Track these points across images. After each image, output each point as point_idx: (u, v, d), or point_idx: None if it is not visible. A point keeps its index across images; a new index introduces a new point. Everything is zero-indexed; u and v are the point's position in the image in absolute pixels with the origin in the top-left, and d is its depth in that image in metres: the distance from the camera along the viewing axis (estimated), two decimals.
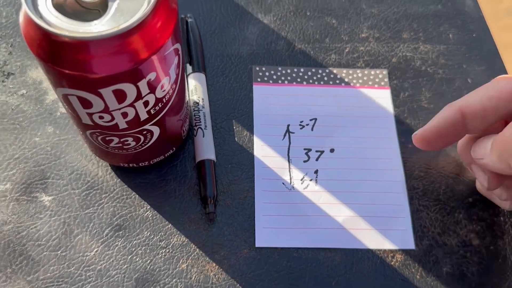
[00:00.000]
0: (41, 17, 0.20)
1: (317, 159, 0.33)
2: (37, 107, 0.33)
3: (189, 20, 0.36)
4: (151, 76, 0.22)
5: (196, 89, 0.33)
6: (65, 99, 0.23)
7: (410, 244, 0.30)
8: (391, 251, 0.30)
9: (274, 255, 0.29)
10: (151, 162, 0.30)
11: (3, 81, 0.34)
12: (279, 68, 0.36)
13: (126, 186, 0.31)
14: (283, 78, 0.35)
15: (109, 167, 0.31)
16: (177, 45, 0.23)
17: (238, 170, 0.32)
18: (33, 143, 0.32)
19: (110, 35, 0.19)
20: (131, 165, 0.30)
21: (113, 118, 0.24)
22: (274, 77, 0.35)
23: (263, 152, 0.33)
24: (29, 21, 0.20)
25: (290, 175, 0.32)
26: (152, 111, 0.25)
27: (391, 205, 0.31)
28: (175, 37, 0.23)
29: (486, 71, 0.37)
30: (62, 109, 0.33)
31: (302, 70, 0.36)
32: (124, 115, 0.24)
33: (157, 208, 0.30)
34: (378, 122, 0.34)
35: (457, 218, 0.32)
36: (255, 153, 0.33)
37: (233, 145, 0.33)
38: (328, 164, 0.33)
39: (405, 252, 0.30)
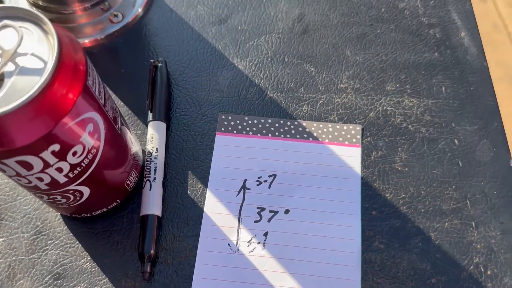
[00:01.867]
0: None
1: (269, 220, 0.31)
2: None
3: (159, 65, 0.35)
4: (54, 147, 0.22)
5: (152, 138, 0.33)
6: None
7: None
8: None
9: None
10: (93, 214, 0.30)
11: None
12: (246, 118, 0.34)
13: (71, 234, 0.31)
14: (248, 128, 0.34)
15: (57, 217, 0.32)
16: (89, 114, 0.23)
17: (184, 226, 0.31)
18: None
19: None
20: (73, 215, 0.30)
21: (30, 182, 0.24)
22: (239, 127, 0.34)
23: (214, 208, 0.31)
24: None
25: (237, 235, 0.31)
26: (71, 175, 0.24)
27: (341, 279, 0.29)
28: (83, 107, 0.22)
29: (478, 131, 0.34)
30: None
31: (269, 121, 0.34)
32: (40, 179, 0.24)
33: (97, 260, 0.30)
34: (343, 183, 0.32)
35: None
36: (205, 209, 0.31)
37: (184, 199, 0.32)
38: (280, 226, 0.31)
39: None
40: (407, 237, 0.30)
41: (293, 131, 0.34)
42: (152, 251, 0.29)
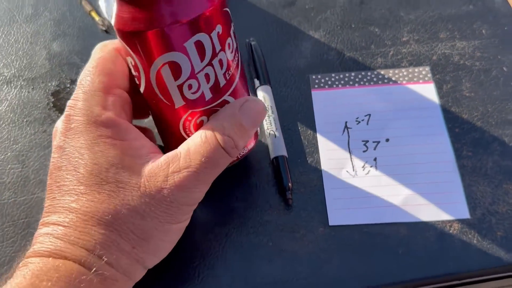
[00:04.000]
0: None
1: (374, 149, 0.38)
2: None
3: (253, 43, 0.42)
4: (219, 28, 0.28)
5: (265, 99, 0.39)
6: (159, 78, 0.28)
7: (465, 214, 0.35)
8: (449, 221, 0.34)
9: (346, 231, 0.34)
10: (239, 157, 0.35)
11: None
12: (333, 75, 0.42)
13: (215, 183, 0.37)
14: (337, 82, 0.41)
15: None
16: (227, 8, 0.29)
17: (306, 163, 0.38)
18: None
19: None
20: None
21: (199, 86, 0.29)
22: (329, 82, 0.41)
23: (327, 146, 0.38)
24: (124, 6, 0.26)
25: (352, 163, 0.37)
26: (227, 76, 0.30)
27: (445, 182, 0.36)
28: (224, 3, 0.28)
29: None
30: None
31: (353, 74, 0.41)
32: (207, 77, 0.29)
33: (242, 199, 0.36)
34: (426, 112, 0.39)
35: (505, 189, 0.36)
36: (319, 147, 0.38)
37: (299, 143, 0.38)
38: (385, 152, 0.38)
39: (461, 221, 0.34)
40: (487, 144, 0.37)
41: (374, 79, 0.41)
42: (290, 183, 0.36)
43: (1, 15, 0.48)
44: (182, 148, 0.29)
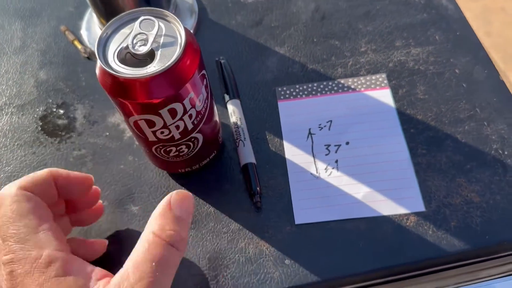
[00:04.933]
0: (112, 68, 0.30)
1: (336, 152, 0.41)
2: (118, 143, 0.43)
3: (222, 61, 0.46)
4: (191, 95, 0.32)
5: (234, 112, 0.43)
6: (136, 124, 0.33)
7: (420, 207, 0.37)
8: (405, 214, 0.37)
9: (311, 229, 0.37)
10: (201, 165, 0.39)
11: (90, 128, 0.45)
12: (297, 86, 0.45)
13: (192, 193, 0.40)
14: (301, 93, 0.44)
15: (177, 180, 0.41)
16: (203, 71, 0.33)
17: (274, 168, 0.41)
18: (119, 169, 0.42)
19: (162, 71, 0.29)
20: (187, 169, 0.39)
21: (170, 132, 0.33)
22: (294, 93, 0.44)
23: (292, 152, 0.41)
24: (105, 73, 0.30)
25: (315, 166, 0.40)
26: (195, 122, 0.34)
27: (401, 179, 0.39)
28: (200, 67, 0.32)
29: (470, 61, 0.45)
30: (137, 142, 0.43)
31: (315, 84, 0.45)
32: (177, 127, 0.33)
33: (216, 205, 0.39)
34: (383, 115, 0.42)
35: (458, 182, 0.38)
36: (285, 153, 0.41)
37: (268, 150, 0.42)
38: (346, 154, 0.41)
39: (417, 214, 0.37)
40: (441, 141, 0.40)
41: (335, 88, 0.44)
42: (258, 188, 0.39)
43: None
44: (129, 264, 0.28)
